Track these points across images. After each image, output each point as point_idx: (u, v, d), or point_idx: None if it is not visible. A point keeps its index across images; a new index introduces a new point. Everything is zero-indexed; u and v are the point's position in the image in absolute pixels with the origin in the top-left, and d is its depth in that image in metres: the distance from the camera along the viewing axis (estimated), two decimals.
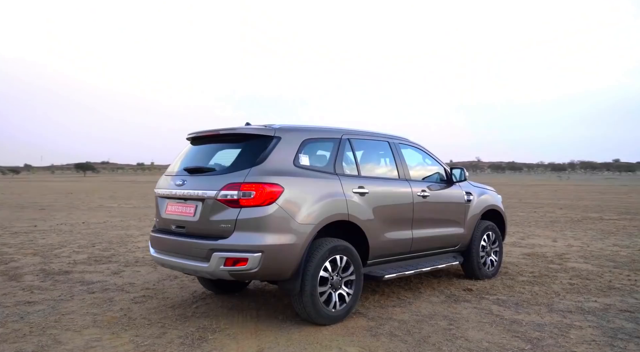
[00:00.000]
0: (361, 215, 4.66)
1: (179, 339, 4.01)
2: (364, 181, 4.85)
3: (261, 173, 4.09)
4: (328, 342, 3.96)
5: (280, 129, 4.46)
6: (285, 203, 4.09)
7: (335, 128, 4.99)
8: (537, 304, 5.11)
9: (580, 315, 4.73)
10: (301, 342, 3.96)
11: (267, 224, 4.01)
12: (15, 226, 11.92)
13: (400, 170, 5.34)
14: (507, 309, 4.92)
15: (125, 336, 4.07)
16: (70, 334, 4.12)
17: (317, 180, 4.42)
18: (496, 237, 6.48)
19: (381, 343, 3.94)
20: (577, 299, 5.32)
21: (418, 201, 5.36)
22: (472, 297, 5.42)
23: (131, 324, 4.38)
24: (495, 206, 6.54)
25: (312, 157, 4.58)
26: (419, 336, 4.10)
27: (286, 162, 4.29)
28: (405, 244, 5.21)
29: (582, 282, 6.10)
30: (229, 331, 4.23)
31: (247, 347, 3.84)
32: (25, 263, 7.24)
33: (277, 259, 4.05)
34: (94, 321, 4.48)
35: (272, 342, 3.95)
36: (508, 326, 4.39)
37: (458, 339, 4.03)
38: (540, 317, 4.65)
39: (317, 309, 4.26)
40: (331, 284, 4.41)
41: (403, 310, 4.89)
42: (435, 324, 4.42)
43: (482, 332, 4.22)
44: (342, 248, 4.46)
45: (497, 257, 6.50)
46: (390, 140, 5.46)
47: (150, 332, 4.16)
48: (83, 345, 3.87)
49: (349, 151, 4.92)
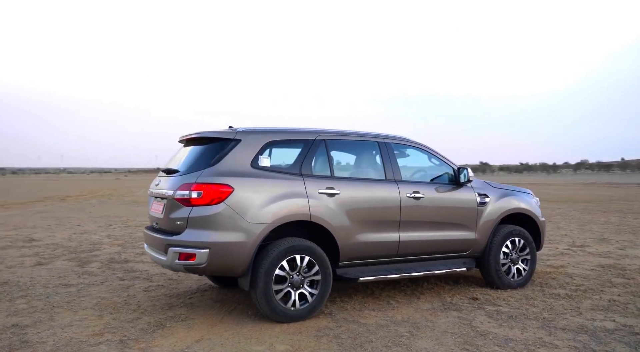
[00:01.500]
0: (328, 216, 4.65)
1: (145, 324, 4.41)
2: (336, 181, 4.81)
3: (212, 174, 4.33)
4: (267, 338, 4.06)
5: (241, 131, 4.65)
6: (235, 203, 4.28)
7: (310, 129, 5.02)
8: (533, 319, 4.61)
9: (571, 334, 4.18)
10: (243, 336, 4.11)
11: (215, 222, 4.24)
12: (136, 220, 13.73)
13: (388, 171, 5.17)
14: (493, 322, 4.52)
15: (105, 318, 4.60)
16: (67, 314, 4.76)
17: (274, 181, 4.52)
18: (526, 243, 5.89)
19: (316, 344, 3.93)
20: (594, 317, 4.67)
21: (408, 203, 5.14)
22: (469, 306, 5.05)
23: (121, 309, 4.91)
24: (523, 209, 5.95)
25: (274, 159, 4.70)
26: (360, 341, 4.00)
27: (242, 164, 4.47)
28: (389, 247, 5.05)
29: (629, 300, 5.29)
30: (191, 321, 4.53)
31: (191, 336, 4.11)
32: (104, 252, 8.36)
33: (225, 256, 4.25)
34: (95, 304, 5.10)
35: (216, 334, 4.17)
36: (471, 339, 4.07)
37: (398, 347, 3.86)
38: (519, 333, 4.21)
39: (271, 307, 4.37)
40: (290, 282, 4.49)
41: (378, 314, 4.76)
42: (393, 331, 4.25)
43: (434, 343, 3.97)
44: (302, 248, 4.50)
45: (528, 266, 5.91)
46: (382, 141, 5.30)
47: (127, 317, 4.64)
48: (67, 323, 4.47)
49: (323, 152, 4.92)
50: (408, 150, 5.58)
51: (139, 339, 4.04)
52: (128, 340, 4.00)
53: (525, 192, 6.22)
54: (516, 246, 5.85)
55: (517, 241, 5.85)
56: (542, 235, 6.16)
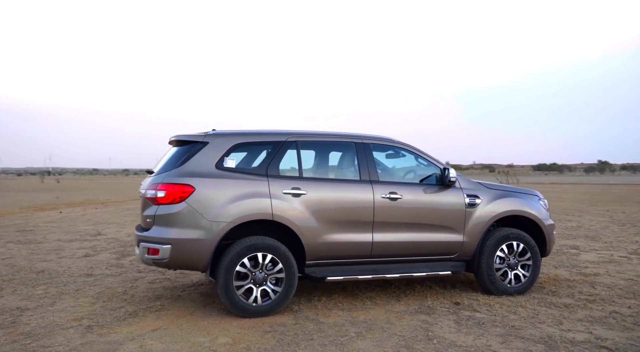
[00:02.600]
0: (292, 216, 4.76)
1: (123, 313, 4.82)
2: (304, 182, 4.91)
3: (176, 175, 4.64)
4: (217, 331, 4.28)
5: (210, 134, 4.91)
6: (195, 202, 4.55)
7: (282, 131, 5.15)
8: (500, 327, 4.39)
9: (527, 344, 3.96)
10: (198, 328, 4.36)
11: (177, 220, 4.53)
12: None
13: (363, 172, 5.16)
14: (454, 328, 4.38)
15: (95, 306, 5.08)
16: (69, 301, 5.31)
17: (237, 181, 4.72)
18: (527, 248, 5.56)
19: (257, 339, 4.08)
20: (572, 328, 4.35)
21: (383, 204, 5.09)
22: (444, 310, 4.91)
23: (114, 298, 5.37)
24: (521, 212, 5.62)
25: (240, 160, 4.90)
26: (301, 339, 4.08)
27: (207, 165, 4.72)
28: (362, 247, 5.04)
29: (634, 312, 4.84)
30: (164, 312, 4.87)
31: (152, 325, 4.44)
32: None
33: (185, 252, 4.53)
34: (98, 293, 5.63)
35: (176, 324, 4.46)
36: (414, 342, 4.00)
37: (333, 346, 3.90)
38: (471, 340, 4.06)
39: (231, 302, 4.58)
40: (253, 279, 4.66)
41: (343, 314, 4.79)
42: (343, 331, 4.28)
43: (374, 344, 3.96)
44: (264, 246, 4.66)
45: (529, 272, 5.57)
46: (360, 141, 5.29)
47: (113, 306, 5.09)
48: (61, 308, 5.00)
49: (292, 154, 5.03)
50: (392, 151, 5.51)
51: (106, 325, 4.44)
52: (96, 326, 4.42)
53: (529, 194, 5.86)
54: (514, 251, 5.54)
55: (515, 245, 5.54)
56: (548, 240, 5.76)
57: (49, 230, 11.54)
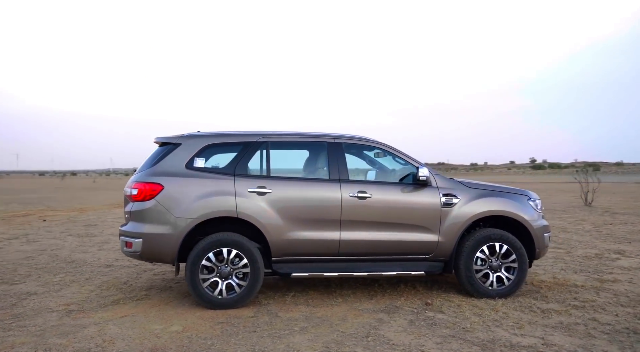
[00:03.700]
0: (256, 213, 4.96)
1: (108, 300, 5.28)
2: (270, 181, 5.09)
3: (149, 174, 5.01)
4: (175, 320, 4.60)
5: (184, 136, 5.24)
6: (164, 199, 4.90)
7: (253, 132, 5.35)
8: (451, 328, 4.34)
9: (464, 345, 3.90)
10: (161, 317, 4.71)
11: (147, 216, 4.91)
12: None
13: (332, 171, 5.23)
14: (403, 327, 4.38)
15: (92, 293, 5.60)
16: (74, 288, 5.87)
17: (204, 180, 5.01)
18: (511, 249, 5.34)
19: (206, 328, 4.35)
20: (528, 333, 4.20)
21: (350, 203, 5.14)
22: (407, 311, 4.88)
23: (111, 288, 5.86)
24: (505, 212, 5.39)
25: (210, 160, 5.19)
26: (245, 331, 4.29)
27: (177, 165, 5.05)
28: (329, 245, 5.12)
29: (616, 321, 4.55)
30: (144, 301, 5.27)
31: (123, 312, 4.86)
32: None
33: (154, 246, 4.90)
34: (103, 282, 6.15)
35: (144, 312, 4.84)
36: (345, 339, 4.06)
37: (268, 339, 4.07)
38: (409, 339, 4.06)
39: (197, 294, 4.89)
40: (218, 273, 4.93)
41: (306, 310, 4.93)
42: (290, 325, 4.43)
43: (308, 339, 4.08)
44: (229, 242, 4.91)
45: (514, 275, 5.35)
46: (332, 141, 5.36)
47: (106, 294, 5.57)
48: (62, 295, 5.56)
49: (262, 154, 5.23)
50: (368, 151, 5.53)
51: (87, 311, 4.91)
52: (77, 311, 4.91)
53: (517, 194, 5.60)
54: (496, 252, 5.35)
55: (497, 246, 5.34)
56: (537, 242, 5.46)
57: (111, 225, 12.54)
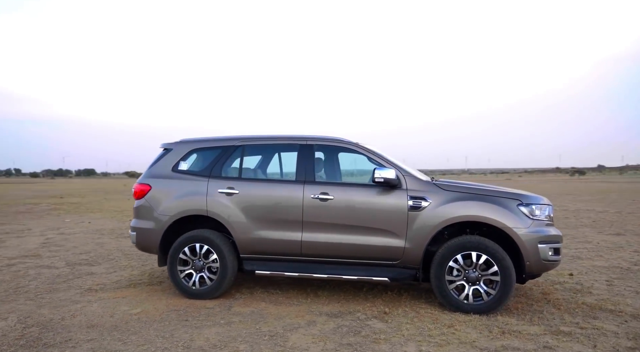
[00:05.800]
0: (224, 212, 5.35)
1: (112, 283, 6.19)
2: (239, 182, 5.42)
3: (144, 176, 5.77)
4: (144, 304, 5.23)
5: (177, 142, 5.85)
6: (150, 198, 5.60)
7: (233, 137, 5.72)
8: (369, 338, 4.21)
9: None
10: (136, 301, 5.37)
11: (139, 213, 5.68)
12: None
13: (299, 172, 5.32)
14: (326, 332, 4.38)
15: (121, 278, 6.57)
16: (119, 273, 6.92)
17: (183, 181, 5.55)
18: (493, 260, 4.78)
19: (158, 313, 4.90)
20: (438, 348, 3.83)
21: (312, 204, 5.18)
22: (354, 318, 4.79)
23: (140, 275, 6.75)
24: (482, 217, 4.84)
25: (192, 164, 5.71)
26: (182, 318, 4.74)
27: (166, 168, 5.69)
28: (291, 246, 5.23)
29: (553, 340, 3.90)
30: (141, 287, 6.03)
31: (113, 295, 5.65)
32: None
33: (143, 238, 5.63)
34: (139, 271, 7.07)
35: (127, 296, 5.58)
36: (258, 338, 4.22)
37: (187, 328, 4.45)
38: (321, 345, 4.05)
39: (176, 283, 5.49)
40: (193, 266, 5.43)
41: (264, 306, 5.16)
42: (224, 318, 4.74)
43: (222, 331, 4.33)
44: (200, 238, 5.39)
45: (495, 290, 4.79)
46: (304, 143, 5.43)
47: (115, 279, 6.45)
48: (105, 277, 6.60)
49: (237, 157, 5.57)
50: (341, 152, 5.48)
51: (97, 291, 5.83)
52: (92, 290, 5.86)
53: (507, 198, 4.95)
54: (473, 262, 4.85)
55: (474, 255, 4.84)
56: (525, 253, 4.79)
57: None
